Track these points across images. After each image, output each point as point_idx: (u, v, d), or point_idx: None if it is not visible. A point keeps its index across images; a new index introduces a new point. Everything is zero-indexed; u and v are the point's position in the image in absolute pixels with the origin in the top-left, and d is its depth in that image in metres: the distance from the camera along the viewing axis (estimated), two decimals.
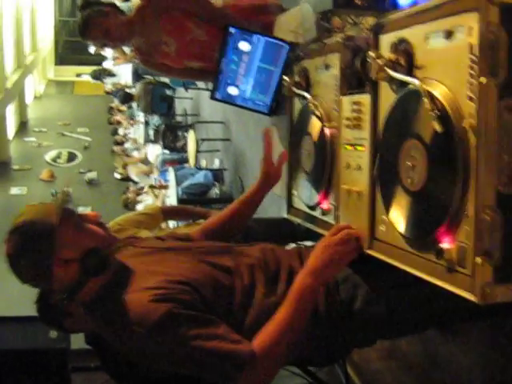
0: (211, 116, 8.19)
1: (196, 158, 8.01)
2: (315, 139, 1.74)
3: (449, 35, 1.13)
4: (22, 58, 15.33)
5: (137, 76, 10.70)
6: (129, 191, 10.42)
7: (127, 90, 11.53)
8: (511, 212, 1.06)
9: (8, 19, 13.65)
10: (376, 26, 1.39)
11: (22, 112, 16.67)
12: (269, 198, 1.83)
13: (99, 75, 14.42)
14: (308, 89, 1.79)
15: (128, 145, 13.55)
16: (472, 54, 1.06)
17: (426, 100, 1.15)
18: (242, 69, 2.12)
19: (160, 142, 9.94)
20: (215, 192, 7.09)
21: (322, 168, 1.69)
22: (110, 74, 14.21)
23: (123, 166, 11.46)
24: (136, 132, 13.18)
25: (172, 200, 6.89)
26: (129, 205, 9.58)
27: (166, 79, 9.12)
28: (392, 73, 1.29)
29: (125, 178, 11.65)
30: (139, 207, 8.78)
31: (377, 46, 1.39)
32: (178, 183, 7.00)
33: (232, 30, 2.07)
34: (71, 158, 14.93)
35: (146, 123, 11.40)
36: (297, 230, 2.13)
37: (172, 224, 5.06)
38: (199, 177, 7.25)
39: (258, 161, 1.78)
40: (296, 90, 1.82)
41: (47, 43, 20.33)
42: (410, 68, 1.27)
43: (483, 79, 1.03)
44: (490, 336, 1.84)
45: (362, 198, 1.47)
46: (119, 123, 14.98)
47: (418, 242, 1.25)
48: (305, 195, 1.83)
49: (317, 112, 1.69)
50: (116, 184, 11.92)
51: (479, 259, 1.06)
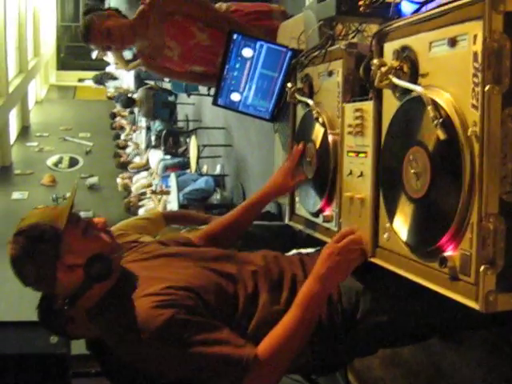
0: (213, 122, 8.21)
1: (197, 164, 8.03)
2: (318, 146, 1.73)
3: (453, 43, 1.13)
4: (25, 63, 15.37)
5: (139, 81, 10.73)
6: (131, 195, 10.42)
7: (129, 95, 11.54)
8: None
9: (11, 24, 13.69)
10: (379, 34, 1.39)
11: (24, 117, 16.69)
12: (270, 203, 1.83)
13: (101, 79, 14.43)
14: (311, 95, 1.79)
15: (130, 149, 13.55)
16: (476, 62, 1.06)
17: (430, 108, 1.15)
18: (245, 75, 2.12)
19: (161, 148, 9.95)
20: (216, 198, 7.10)
21: (325, 175, 1.68)
22: (113, 78, 14.22)
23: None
24: (138, 137, 13.19)
25: (173, 206, 6.90)
26: (131, 208, 9.57)
27: (168, 85, 9.15)
28: (395, 80, 1.29)
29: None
30: (141, 211, 8.77)
31: (380, 54, 1.39)
32: (180, 189, 7.01)
33: (235, 37, 2.07)
34: (73, 163, 14.95)
35: (148, 128, 11.40)
36: (298, 237, 2.12)
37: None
38: (200, 182, 7.26)
39: (260, 167, 1.78)
40: (299, 97, 1.82)
41: (49, 48, 20.38)
42: (414, 75, 1.26)
43: (487, 87, 1.03)
44: (493, 344, 1.83)
45: (365, 206, 1.46)
46: (122, 128, 14.99)
47: (422, 250, 1.24)
48: (307, 202, 1.83)
49: (320, 119, 1.69)
50: (117, 189, 11.92)
51: (483, 267, 1.05)
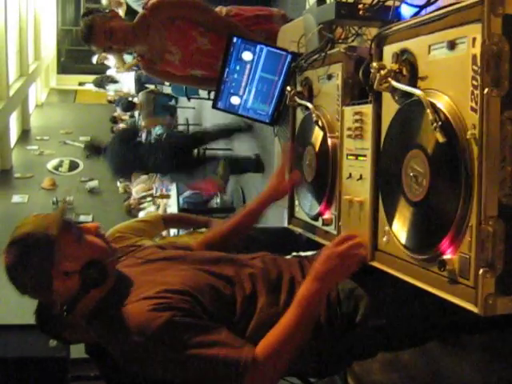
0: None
1: None
2: (317, 149, 1.73)
3: (452, 46, 1.13)
4: (25, 67, 15.37)
5: (140, 84, 10.72)
6: (131, 198, 10.41)
7: (130, 99, 11.53)
8: None
9: (11, 28, 13.70)
10: (379, 37, 1.39)
11: (25, 120, 16.68)
12: (271, 208, 1.84)
13: (102, 82, 14.42)
14: (310, 99, 1.79)
15: None
16: (475, 65, 1.06)
17: (429, 111, 1.15)
18: (245, 78, 2.12)
19: None
20: (216, 202, 7.09)
21: (324, 178, 1.68)
22: (113, 81, 14.21)
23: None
24: None
25: (173, 209, 6.89)
26: (132, 211, 9.57)
27: (169, 89, 9.15)
28: (395, 83, 1.29)
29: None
30: (141, 214, 8.76)
31: (380, 57, 1.39)
32: (180, 192, 7.01)
33: (235, 40, 2.07)
34: (73, 167, 14.92)
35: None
36: (298, 240, 2.12)
37: (173, 232, 5.06)
38: None
39: None
40: (298, 100, 1.82)
41: (50, 52, 20.40)
42: (413, 79, 1.26)
43: (486, 90, 1.03)
44: (493, 348, 1.83)
45: (364, 209, 1.46)
46: None
47: (421, 253, 1.24)
48: (306, 205, 1.83)
49: (319, 122, 1.69)
50: (117, 193, 11.91)
51: (482, 270, 1.05)
